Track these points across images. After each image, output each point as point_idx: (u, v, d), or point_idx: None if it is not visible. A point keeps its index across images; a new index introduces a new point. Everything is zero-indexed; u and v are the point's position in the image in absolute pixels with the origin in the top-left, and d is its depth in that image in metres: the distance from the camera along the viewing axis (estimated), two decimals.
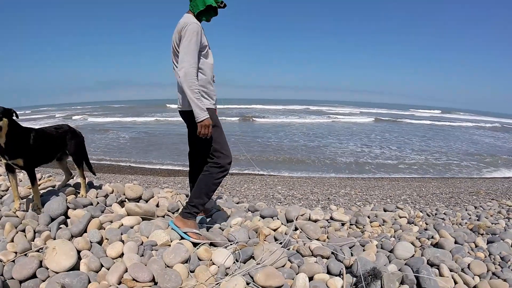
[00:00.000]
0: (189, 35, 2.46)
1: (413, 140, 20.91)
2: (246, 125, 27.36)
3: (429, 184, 9.66)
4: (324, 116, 37.10)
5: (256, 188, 8.12)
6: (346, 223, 3.74)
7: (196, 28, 2.49)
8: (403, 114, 49.87)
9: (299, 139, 19.16)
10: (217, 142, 2.67)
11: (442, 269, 2.48)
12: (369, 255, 2.62)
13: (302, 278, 2.19)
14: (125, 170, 11.00)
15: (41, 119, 34.90)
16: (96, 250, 2.47)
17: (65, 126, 3.27)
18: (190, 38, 2.46)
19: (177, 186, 7.96)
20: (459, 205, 6.59)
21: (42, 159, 2.99)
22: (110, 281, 2.13)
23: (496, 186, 9.29)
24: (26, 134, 2.77)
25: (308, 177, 10.40)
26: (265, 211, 3.60)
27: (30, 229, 2.58)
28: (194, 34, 2.47)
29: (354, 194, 7.79)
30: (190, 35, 2.46)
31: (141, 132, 21.45)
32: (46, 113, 48.02)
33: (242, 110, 44.64)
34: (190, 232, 2.68)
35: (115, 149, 15.00)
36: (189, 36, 2.46)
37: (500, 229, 3.71)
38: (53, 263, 2.18)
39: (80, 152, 3.33)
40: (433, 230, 3.52)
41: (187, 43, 2.46)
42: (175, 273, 2.17)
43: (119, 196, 3.47)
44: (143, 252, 2.48)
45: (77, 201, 3.09)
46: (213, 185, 2.71)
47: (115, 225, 2.87)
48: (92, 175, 3.72)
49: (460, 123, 38.50)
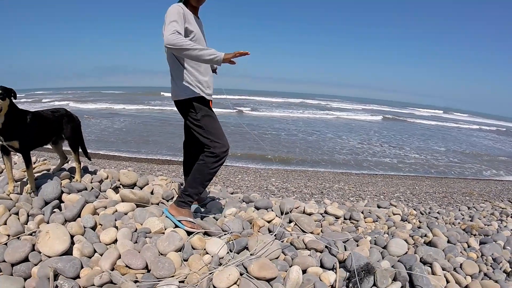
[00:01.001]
0: (168, 15, 2.41)
1: (412, 139, 20.92)
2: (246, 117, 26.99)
3: (423, 182, 9.71)
4: (324, 112, 35.99)
5: (250, 180, 8.12)
6: (340, 217, 3.75)
7: (174, 8, 2.44)
8: (402, 113, 49.81)
9: (298, 133, 19.12)
10: (210, 132, 2.63)
11: (435, 268, 2.50)
12: (362, 250, 2.63)
13: (295, 270, 2.18)
14: (119, 157, 10.95)
15: (29, 103, 33.11)
16: (89, 235, 2.45)
17: (62, 109, 3.23)
18: (168, 15, 2.40)
19: (171, 174, 7.95)
20: (452, 205, 6.64)
21: (37, 142, 2.96)
22: (103, 267, 2.12)
23: (489, 188, 9.37)
24: (23, 116, 2.73)
25: (302, 170, 10.41)
26: (259, 202, 3.60)
27: (24, 212, 2.56)
28: (172, 12, 2.41)
29: (347, 189, 7.82)
30: (168, 15, 2.40)
31: (125, 121, 20.51)
32: (36, 97, 46.14)
33: (240, 101, 44.21)
34: (184, 221, 2.67)
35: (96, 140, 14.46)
36: (167, 16, 2.41)
37: (493, 230, 3.74)
38: (46, 247, 2.16)
39: (76, 137, 3.29)
40: (426, 229, 3.55)
41: (167, 21, 2.39)
42: (168, 261, 2.16)
43: (113, 182, 3.44)
44: (136, 239, 2.48)
45: (71, 186, 3.06)
46: (208, 174, 2.68)
47: (109, 211, 2.85)
48: (87, 160, 3.69)
49: (462, 124, 38.31)
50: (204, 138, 2.63)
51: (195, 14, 2.67)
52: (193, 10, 2.65)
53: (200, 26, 2.69)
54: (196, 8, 2.70)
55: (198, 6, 2.70)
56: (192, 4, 2.64)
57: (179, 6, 2.49)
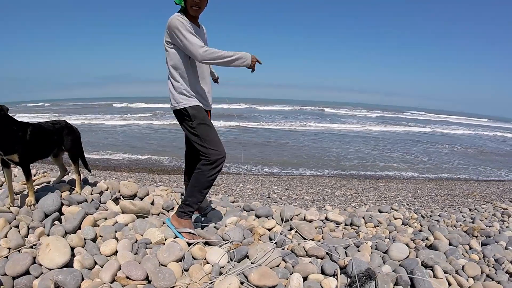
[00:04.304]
0: (175, 28, 2.48)
1: (416, 145, 20.90)
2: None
3: (424, 186, 9.69)
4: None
5: (251, 188, 8.12)
6: (341, 223, 3.75)
7: (178, 20, 2.49)
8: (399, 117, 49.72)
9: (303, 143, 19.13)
10: (206, 140, 2.63)
11: (436, 271, 2.49)
12: (363, 256, 2.62)
13: (296, 278, 2.18)
14: (120, 168, 10.96)
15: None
16: (90, 247, 2.45)
17: (62, 121, 3.25)
18: (176, 28, 2.47)
19: (172, 184, 7.95)
20: (454, 207, 6.62)
21: (38, 155, 2.96)
22: (104, 278, 2.12)
23: (491, 189, 9.35)
24: (22, 129, 2.74)
25: (304, 177, 10.40)
26: (260, 210, 3.60)
27: (24, 225, 2.57)
28: (179, 25, 2.47)
29: (349, 195, 7.81)
30: (176, 28, 2.47)
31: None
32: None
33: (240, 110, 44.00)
34: (184, 232, 2.68)
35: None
36: (175, 29, 2.47)
37: (495, 231, 3.72)
38: (47, 259, 2.16)
39: (76, 149, 3.31)
40: (428, 232, 3.53)
41: (180, 36, 2.47)
42: (169, 272, 2.16)
43: (114, 193, 3.45)
44: (137, 250, 2.48)
45: (71, 198, 3.07)
46: (206, 182, 2.67)
47: (109, 222, 2.85)
48: (88, 172, 3.70)
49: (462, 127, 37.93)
50: (200, 146, 2.64)
51: (194, 23, 2.69)
52: (192, 19, 2.66)
53: (201, 35, 2.72)
54: (195, 17, 2.71)
55: (197, 15, 2.71)
56: (191, 14, 2.65)
57: (181, 18, 2.52)
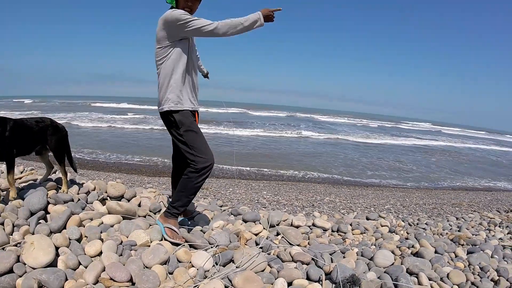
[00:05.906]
0: (175, 17, 2.45)
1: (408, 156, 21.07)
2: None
3: (413, 194, 9.78)
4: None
5: (241, 192, 8.10)
6: (328, 230, 3.76)
7: (175, 14, 2.47)
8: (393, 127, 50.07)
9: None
10: (193, 147, 2.62)
11: (421, 278, 2.51)
12: (348, 262, 2.64)
13: (280, 283, 2.18)
14: (109, 168, 10.87)
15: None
16: (74, 247, 2.42)
17: (47, 119, 3.16)
18: (177, 17, 2.45)
19: (161, 186, 7.90)
20: (441, 216, 6.69)
21: (18, 151, 2.89)
22: (87, 279, 2.09)
23: (478, 199, 9.46)
24: (2, 124, 2.70)
25: (294, 183, 10.42)
26: (247, 215, 3.60)
27: (9, 223, 2.53)
28: (178, 13, 2.46)
29: (338, 202, 7.84)
30: (176, 17, 2.45)
31: None
32: None
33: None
34: (167, 228, 2.70)
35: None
36: (176, 17, 2.45)
37: (481, 240, 3.77)
38: (31, 258, 2.13)
39: (61, 149, 3.24)
40: (414, 240, 3.56)
41: (189, 22, 2.45)
42: (153, 274, 2.14)
43: (101, 193, 3.42)
44: (122, 251, 2.45)
45: (58, 197, 3.03)
46: (192, 188, 2.67)
47: (95, 222, 2.83)
48: (74, 173, 3.63)
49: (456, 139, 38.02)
50: (188, 153, 2.63)
51: None
52: None
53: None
54: None
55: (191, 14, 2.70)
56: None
57: (178, 10, 2.52)
